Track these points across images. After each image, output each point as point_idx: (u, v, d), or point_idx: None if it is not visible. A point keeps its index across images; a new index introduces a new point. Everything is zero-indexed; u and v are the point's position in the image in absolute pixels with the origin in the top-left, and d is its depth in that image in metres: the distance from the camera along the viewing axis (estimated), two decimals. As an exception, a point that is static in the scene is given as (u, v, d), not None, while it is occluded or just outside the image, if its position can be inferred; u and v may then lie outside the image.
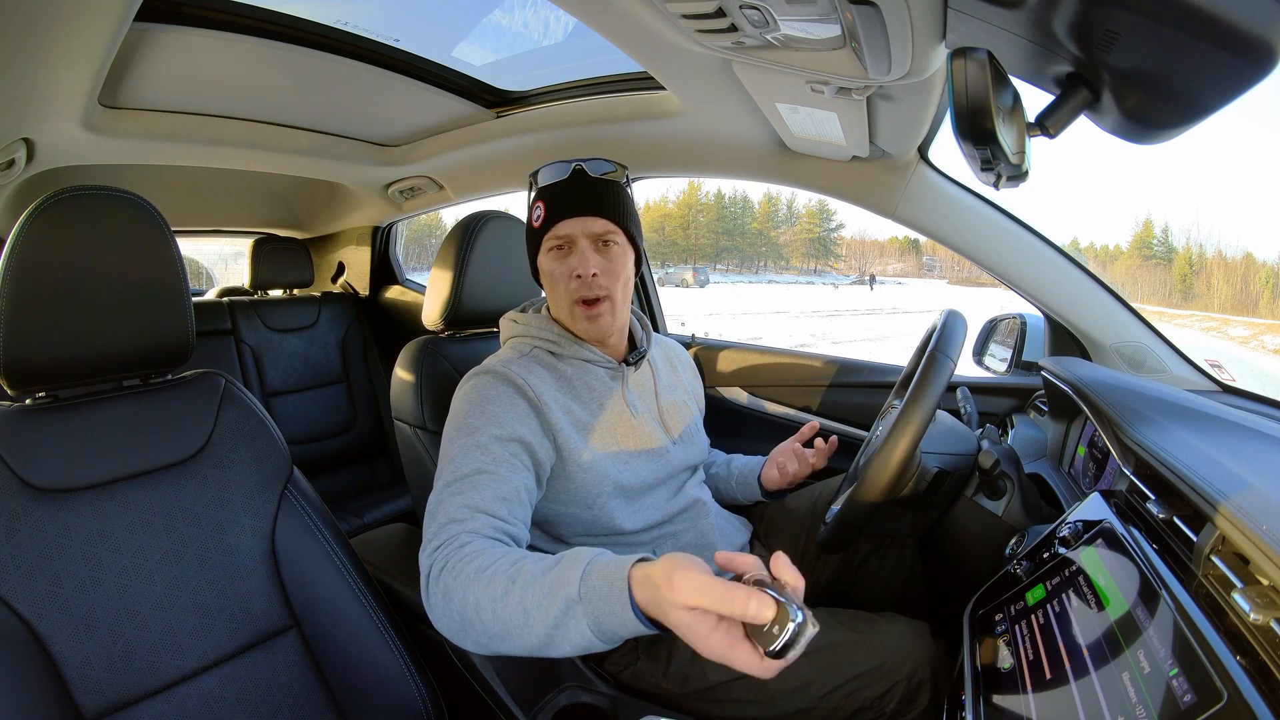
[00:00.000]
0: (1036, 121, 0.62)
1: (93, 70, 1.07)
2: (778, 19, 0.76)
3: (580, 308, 0.94)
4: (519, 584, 0.63)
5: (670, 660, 0.91)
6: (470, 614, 0.66)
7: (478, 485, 0.78)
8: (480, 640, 0.67)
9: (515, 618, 0.62)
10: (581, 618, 0.59)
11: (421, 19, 1.40)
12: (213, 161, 1.77)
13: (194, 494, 0.85)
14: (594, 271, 0.91)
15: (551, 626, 0.61)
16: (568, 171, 0.94)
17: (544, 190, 0.95)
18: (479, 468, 0.80)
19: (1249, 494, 0.55)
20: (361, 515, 1.94)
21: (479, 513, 0.76)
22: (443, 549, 0.73)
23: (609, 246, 0.94)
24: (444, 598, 0.69)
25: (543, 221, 0.94)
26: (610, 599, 0.58)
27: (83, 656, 0.72)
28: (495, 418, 0.85)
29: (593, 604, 0.59)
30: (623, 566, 0.59)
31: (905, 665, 0.84)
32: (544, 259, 0.95)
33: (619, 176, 0.97)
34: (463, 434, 0.84)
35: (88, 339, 0.80)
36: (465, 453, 0.81)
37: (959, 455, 0.97)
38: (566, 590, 0.60)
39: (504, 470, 0.81)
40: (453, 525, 0.75)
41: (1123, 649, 0.51)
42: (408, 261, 2.67)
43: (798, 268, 69.68)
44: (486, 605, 0.64)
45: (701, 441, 1.12)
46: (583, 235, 0.92)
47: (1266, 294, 58.73)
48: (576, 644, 0.61)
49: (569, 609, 0.60)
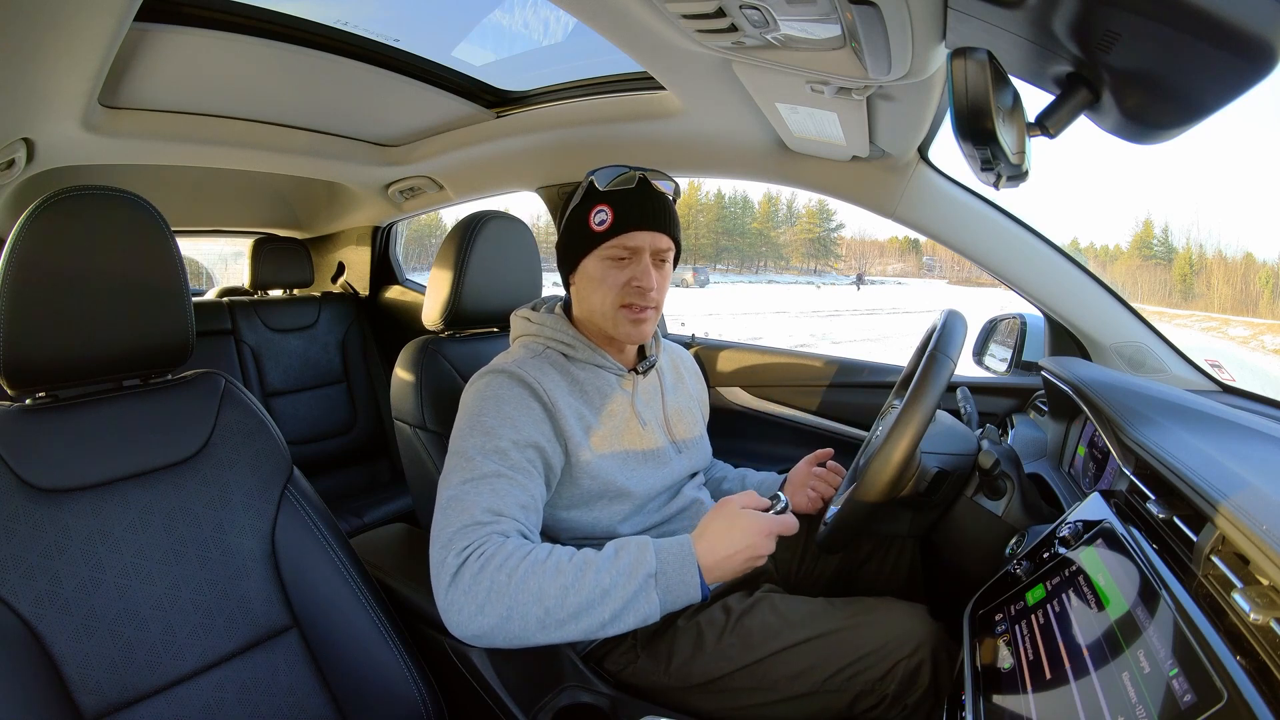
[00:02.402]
0: (1036, 121, 0.62)
1: (93, 70, 1.07)
2: (778, 19, 0.76)
3: (626, 311, 0.94)
4: (591, 569, 0.73)
5: (671, 657, 0.91)
6: (529, 605, 0.72)
7: (497, 489, 0.80)
8: (521, 632, 0.72)
9: (592, 597, 0.72)
10: (654, 590, 0.73)
11: (421, 19, 1.40)
12: (213, 161, 1.77)
13: (194, 494, 0.85)
14: (653, 286, 0.93)
15: (626, 601, 0.72)
16: (633, 180, 0.93)
17: (609, 195, 0.93)
18: (497, 471, 0.81)
19: (1249, 494, 0.55)
20: (361, 515, 1.94)
21: (502, 517, 0.79)
22: (474, 548, 0.75)
23: (664, 263, 0.97)
24: (489, 594, 0.72)
25: (609, 227, 0.92)
26: (682, 570, 0.74)
27: (83, 656, 0.72)
28: (512, 420, 0.85)
29: (668, 577, 0.74)
30: (685, 543, 0.76)
31: (904, 646, 0.84)
32: (596, 263, 0.94)
33: (672, 191, 0.99)
34: (478, 433, 0.84)
35: (88, 339, 0.80)
36: (483, 454, 0.82)
37: (959, 455, 0.97)
38: (645, 567, 0.74)
39: (522, 478, 0.83)
40: (479, 528, 0.77)
41: (1123, 649, 0.51)
42: (408, 261, 2.67)
43: (798, 268, 69.69)
44: (553, 593, 0.72)
45: (704, 448, 1.13)
46: (649, 249, 0.93)
47: (1266, 294, 58.73)
48: (641, 616, 0.73)
49: (645, 584, 0.73)
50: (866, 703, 0.85)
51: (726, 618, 0.92)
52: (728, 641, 0.90)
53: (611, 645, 0.95)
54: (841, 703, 0.86)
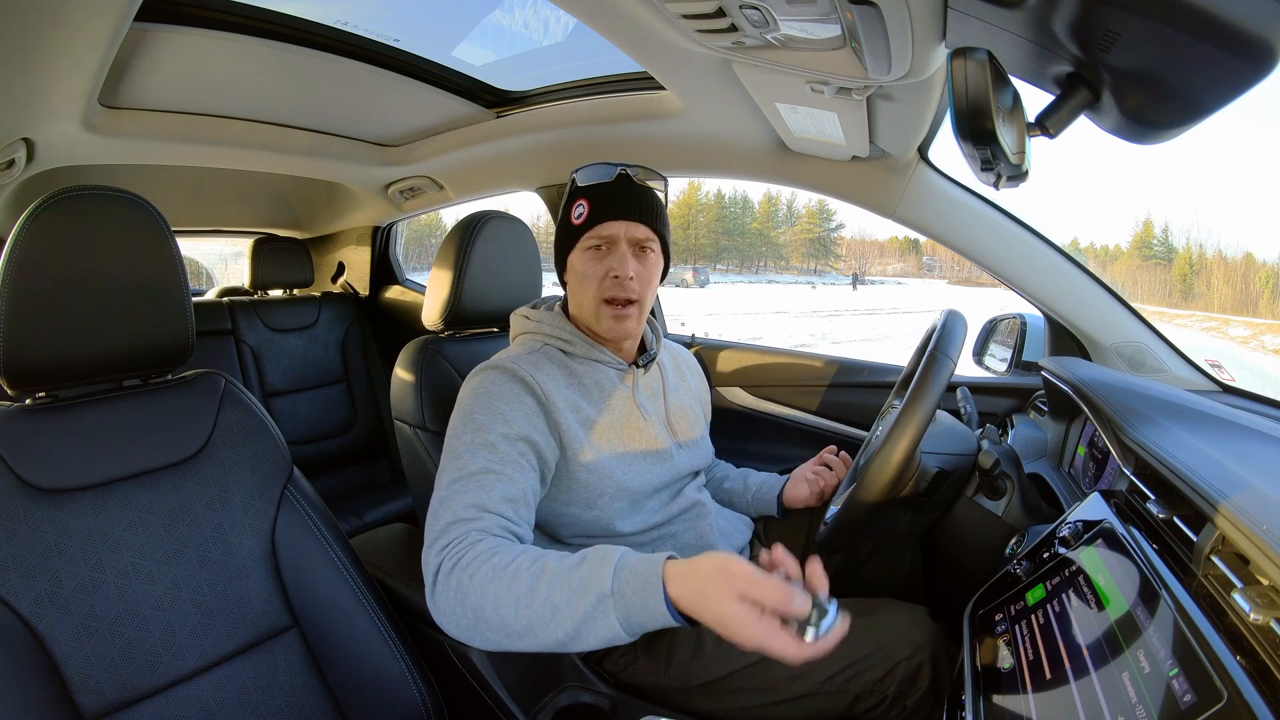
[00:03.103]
0: (1036, 121, 0.62)
1: (93, 70, 1.07)
2: (778, 19, 0.76)
3: (607, 307, 0.94)
4: (545, 581, 0.67)
5: (671, 658, 0.91)
6: (488, 611, 0.67)
7: (484, 485, 0.79)
8: (493, 637, 0.68)
9: (542, 614, 0.65)
10: (612, 612, 0.64)
11: (421, 19, 1.40)
12: (213, 161, 1.77)
13: (194, 494, 0.85)
14: (631, 275, 0.93)
15: (580, 621, 0.64)
16: (612, 174, 0.94)
17: (587, 189, 0.95)
18: (485, 466, 0.80)
19: (1249, 494, 0.55)
20: (361, 515, 1.94)
21: (486, 512, 0.77)
22: (451, 547, 0.73)
23: (646, 253, 0.96)
24: (457, 595, 0.70)
25: (585, 219, 0.94)
26: (644, 593, 0.63)
27: (83, 656, 0.72)
28: (502, 415, 0.85)
29: (625, 599, 0.64)
30: (656, 563, 0.65)
31: (904, 647, 0.84)
32: (578, 256, 0.96)
33: (660, 186, 0.99)
34: (469, 430, 0.84)
35: (87, 339, 0.80)
36: (472, 450, 0.82)
37: (959, 455, 0.97)
38: (599, 586, 0.64)
39: (510, 470, 0.82)
40: (460, 525, 0.75)
41: (1123, 649, 0.51)
42: (408, 261, 2.67)
43: (798, 268, 69.66)
44: (508, 602, 0.67)
45: (706, 448, 1.13)
46: (625, 238, 0.93)
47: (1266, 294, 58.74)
48: (602, 637, 0.65)
49: (600, 604, 0.64)
50: (866, 703, 0.85)
51: None
52: (727, 642, 0.89)
53: (611, 645, 0.95)
54: (841, 703, 0.86)
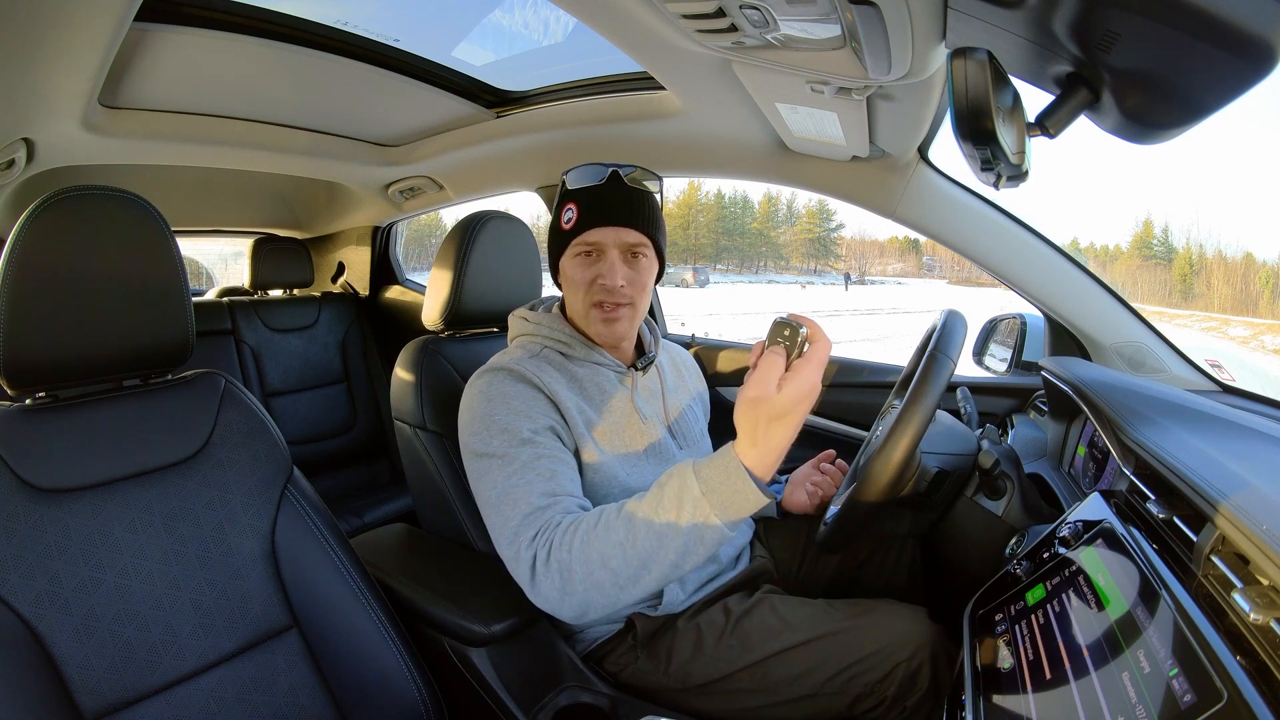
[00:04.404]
0: (1036, 121, 0.62)
1: (93, 70, 1.07)
2: (778, 19, 0.76)
3: (597, 311, 0.94)
4: (639, 517, 0.71)
5: (671, 658, 0.91)
6: (597, 572, 0.72)
7: (543, 472, 0.82)
8: (609, 596, 0.72)
9: (648, 545, 0.70)
10: (710, 510, 0.68)
11: (421, 19, 1.40)
12: (213, 161, 1.77)
13: (194, 494, 0.85)
14: (621, 283, 0.92)
15: (685, 535, 0.69)
16: (603, 176, 0.92)
17: (577, 193, 0.93)
18: (535, 455, 0.83)
19: (1249, 494, 0.55)
20: (361, 515, 1.94)
21: (558, 496, 0.80)
22: (541, 535, 0.76)
23: (638, 258, 0.94)
24: (562, 576, 0.73)
25: (574, 225, 0.92)
26: (730, 478, 0.68)
27: (82, 657, 0.72)
28: (524, 413, 0.86)
29: (716, 492, 0.68)
30: (724, 452, 0.70)
31: (904, 648, 0.84)
32: (568, 261, 0.95)
33: (654, 187, 0.97)
34: (496, 432, 0.85)
35: (88, 339, 0.80)
36: (513, 446, 0.83)
37: (959, 455, 0.97)
38: (690, 493, 0.69)
39: (559, 453, 0.85)
40: (540, 513, 0.78)
41: (1123, 649, 0.51)
42: (408, 261, 2.67)
43: (798, 267, 69.62)
44: (614, 552, 0.71)
45: (706, 447, 1.13)
46: (614, 245, 0.92)
47: (1266, 294, 58.72)
48: (709, 543, 0.70)
49: (696, 508, 0.68)
50: (866, 704, 0.85)
51: (726, 619, 0.92)
52: (727, 643, 0.90)
53: (611, 645, 0.95)
54: (841, 704, 0.86)
